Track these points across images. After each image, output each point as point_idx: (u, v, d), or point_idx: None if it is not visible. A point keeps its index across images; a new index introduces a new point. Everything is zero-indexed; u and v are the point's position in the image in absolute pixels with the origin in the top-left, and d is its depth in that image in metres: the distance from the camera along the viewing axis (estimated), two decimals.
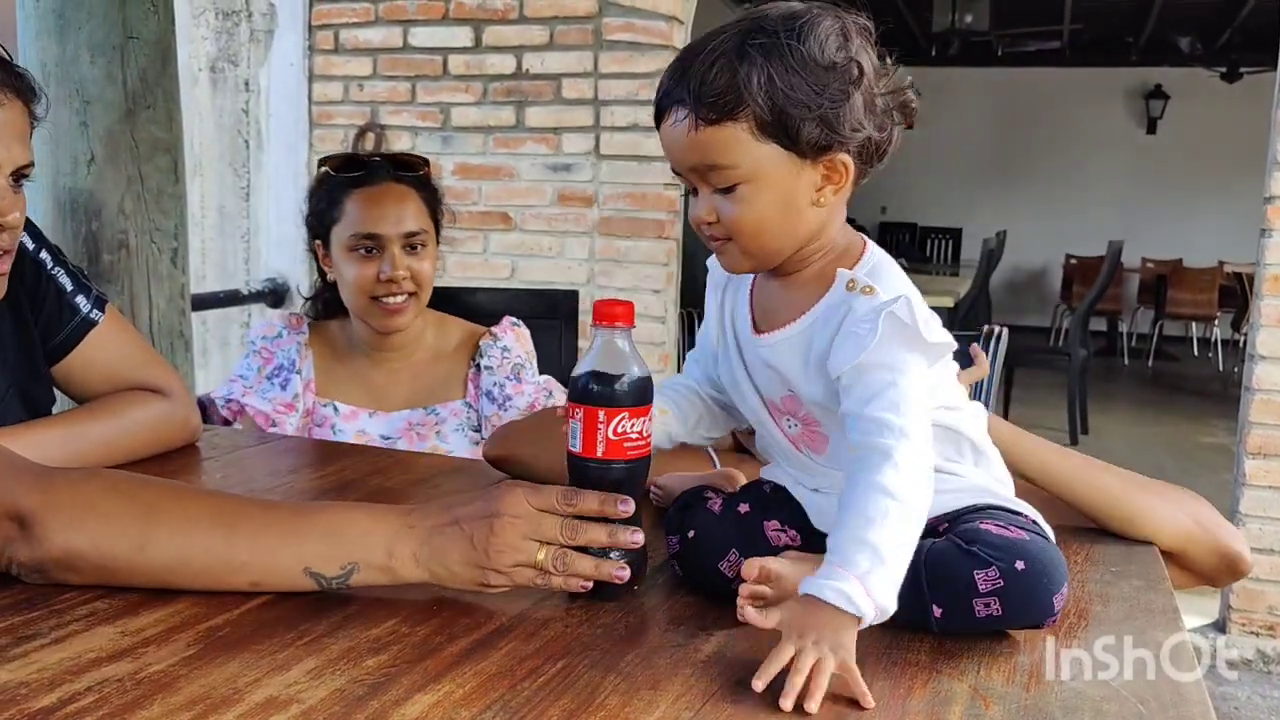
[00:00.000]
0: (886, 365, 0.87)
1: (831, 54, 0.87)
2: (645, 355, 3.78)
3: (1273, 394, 3.14)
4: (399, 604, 0.94)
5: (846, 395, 0.89)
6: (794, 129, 0.87)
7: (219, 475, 1.41)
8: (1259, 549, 3.19)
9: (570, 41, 3.72)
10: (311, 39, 4.03)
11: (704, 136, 0.88)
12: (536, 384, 1.82)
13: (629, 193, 3.70)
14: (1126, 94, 10.94)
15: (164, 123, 2.17)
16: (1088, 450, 1.32)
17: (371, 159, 1.78)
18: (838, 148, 0.89)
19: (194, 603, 0.93)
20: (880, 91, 0.90)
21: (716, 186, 0.90)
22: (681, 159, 0.91)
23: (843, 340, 0.89)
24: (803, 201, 0.90)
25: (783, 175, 0.89)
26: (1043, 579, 0.86)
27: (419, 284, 1.75)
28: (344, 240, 1.74)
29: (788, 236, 0.92)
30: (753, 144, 0.87)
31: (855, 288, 0.91)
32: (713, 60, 0.87)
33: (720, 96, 0.86)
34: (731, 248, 0.93)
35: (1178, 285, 9.52)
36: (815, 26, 0.87)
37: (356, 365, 1.83)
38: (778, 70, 0.86)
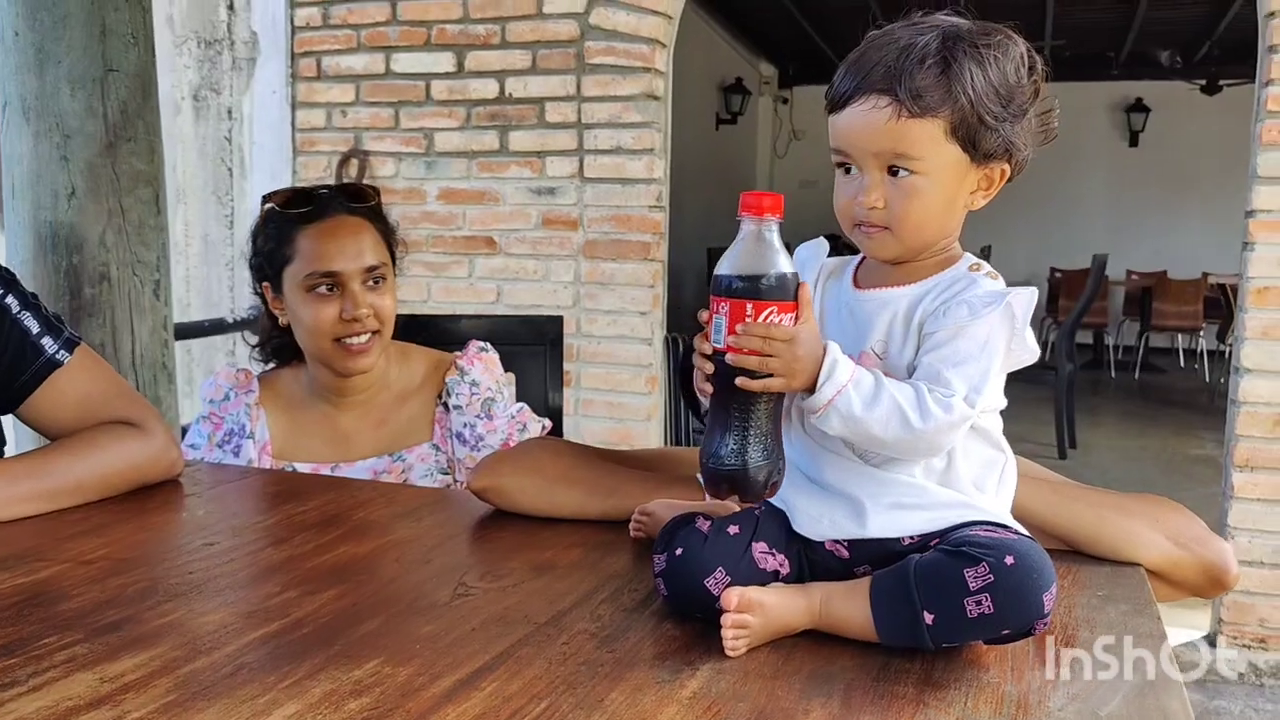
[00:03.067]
0: (982, 341, 0.91)
1: (1019, 73, 0.93)
2: (632, 379, 3.76)
3: (1258, 406, 3.15)
4: (382, 643, 0.93)
5: (931, 350, 0.92)
6: (979, 136, 0.92)
7: (201, 511, 1.39)
8: (1248, 561, 3.19)
9: (553, 65, 3.73)
10: (294, 66, 4.03)
11: (903, 127, 0.91)
12: (509, 417, 1.76)
13: (613, 215, 3.70)
14: (1109, 108, 11.03)
15: (145, 155, 2.16)
16: (1076, 464, 1.31)
17: (320, 191, 1.70)
18: (1003, 158, 0.95)
19: (175, 645, 0.92)
20: (1037, 113, 0.96)
21: (895, 174, 0.93)
22: (867, 144, 0.93)
23: (958, 304, 0.92)
24: (961, 202, 0.96)
25: (955, 175, 0.94)
26: (1032, 574, 0.86)
27: (382, 321, 1.67)
28: (299, 280, 1.65)
29: (941, 231, 0.96)
30: (942, 142, 0.92)
31: (980, 269, 0.96)
32: (924, 57, 0.90)
33: (930, 92, 0.90)
34: (887, 235, 0.95)
35: (1162, 297, 9.57)
36: (1009, 46, 0.93)
37: (316, 414, 1.74)
38: (980, 79, 0.91)
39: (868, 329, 0.97)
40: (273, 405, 1.75)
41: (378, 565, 1.17)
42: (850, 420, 0.89)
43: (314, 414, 1.75)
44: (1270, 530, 3.17)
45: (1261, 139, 3.10)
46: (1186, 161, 10.64)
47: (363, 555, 1.19)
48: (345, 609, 1.03)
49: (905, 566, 0.90)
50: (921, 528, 0.94)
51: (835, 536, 0.96)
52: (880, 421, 0.89)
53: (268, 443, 1.72)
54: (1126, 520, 1.14)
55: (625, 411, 3.72)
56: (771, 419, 0.92)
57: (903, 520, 0.94)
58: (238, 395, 1.74)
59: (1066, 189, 11.10)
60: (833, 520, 0.95)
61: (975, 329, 0.91)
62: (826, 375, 0.88)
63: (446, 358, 1.80)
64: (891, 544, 0.94)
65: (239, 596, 1.06)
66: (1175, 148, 10.74)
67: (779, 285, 0.89)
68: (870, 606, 0.90)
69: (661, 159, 3.69)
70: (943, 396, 0.89)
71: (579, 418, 3.73)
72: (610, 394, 3.73)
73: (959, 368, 0.90)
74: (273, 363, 1.82)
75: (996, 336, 0.91)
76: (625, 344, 3.71)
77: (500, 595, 1.07)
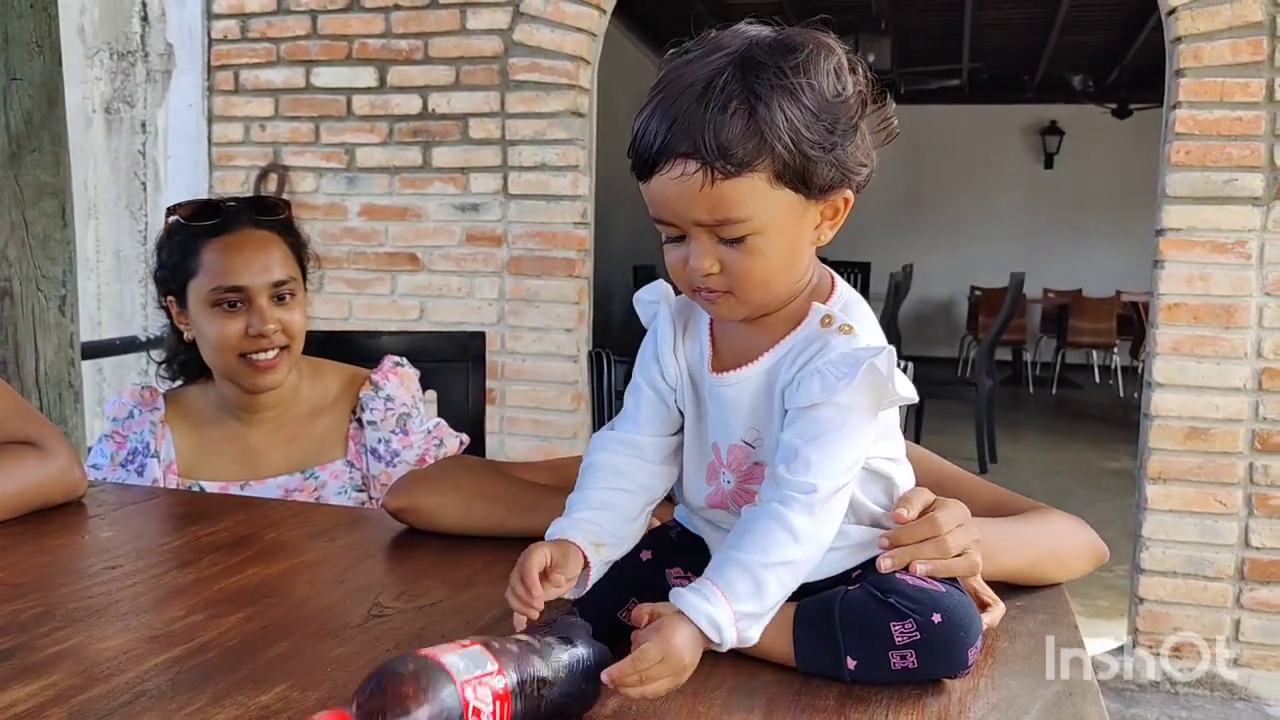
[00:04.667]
0: (845, 409, 0.84)
1: (838, 88, 0.82)
2: (558, 396, 3.73)
3: (1170, 420, 3.23)
4: (291, 666, 0.90)
5: (790, 425, 0.86)
6: (810, 174, 0.82)
7: (105, 534, 1.34)
8: (1161, 572, 3.26)
9: (476, 81, 3.70)
10: (211, 79, 3.95)
11: (720, 191, 0.81)
12: (425, 432, 1.73)
13: (538, 232, 3.68)
14: (1024, 130, 11.31)
15: (50, 166, 2.09)
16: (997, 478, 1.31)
17: (227, 204, 1.65)
18: (843, 185, 0.85)
19: (70, 673, 0.88)
20: (871, 121, 0.86)
21: (724, 238, 0.83)
22: (684, 214, 0.83)
23: (811, 376, 0.85)
24: (805, 241, 0.87)
25: (793, 220, 0.84)
26: (959, 632, 0.85)
27: (290, 336, 1.63)
28: (204, 295, 1.60)
29: (792, 281, 0.88)
30: (769, 192, 0.82)
31: (832, 324, 0.87)
32: (724, 104, 0.80)
33: (739, 146, 0.79)
34: (730, 299, 0.86)
35: (1078, 315, 9.81)
36: (818, 60, 0.82)
37: (225, 432, 1.69)
38: (794, 113, 0.80)
39: (733, 418, 0.91)
40: (179, 422, 1.70)
41: (289, 587, 1.13)
42: (763, 616, 0.83)
43: (222, 431, 1.70)
44: (1182, 540, 3.25)
45: (1170, 160, 3.18)
46: (1100, 183, 10.95)
47: (273, 577, 1.16)
48: (253, 632, 0.99)
49: (830, 603, 0.88)
50: (840, 567, 0.92)
51: None
52: (778, 590, 0.82)
53: (173, 461, 1.67)
54: (1029, 560, 1.10)
55: (551, 429, 3.69)
56: None
57: (822, 564, 0.89)
58: (142, 413, 1.68)
59: (985, 209, 11.36)
60: None
61: (834, 399, 0.84)
62: (715, 630, 0.80)
63: (361, 373, 1.77)
64: (810, 584, 0.92)
65: (141, 621, 1.02)
66: (1089, 169, 11.05)
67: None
68: (793, 639, 0.88)
69: (586, 176, 3.68)
70: (804, 499, 0.82)
71: (504, 435, 3.69)
72: (536, 411, 3.70)
73: (817, 442, 0.84)
74: (180, 380, 1.76)
75: (859, 402, 0.85)
76: (551, 361, 3.69)
77: (417, 615, 1.04)
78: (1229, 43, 3.12)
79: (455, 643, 0.76)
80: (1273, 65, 3.10)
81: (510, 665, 0.75)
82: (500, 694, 0.73)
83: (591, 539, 0.91)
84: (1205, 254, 3.17)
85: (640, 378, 0.98)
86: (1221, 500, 3.21)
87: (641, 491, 0.95)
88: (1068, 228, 11.19)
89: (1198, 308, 3.19)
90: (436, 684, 0.71)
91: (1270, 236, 3.13)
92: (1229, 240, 3.15)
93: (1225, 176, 3.14)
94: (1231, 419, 3.18)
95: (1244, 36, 3.11)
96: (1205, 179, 3.16)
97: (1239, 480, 3.19)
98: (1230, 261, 3.16)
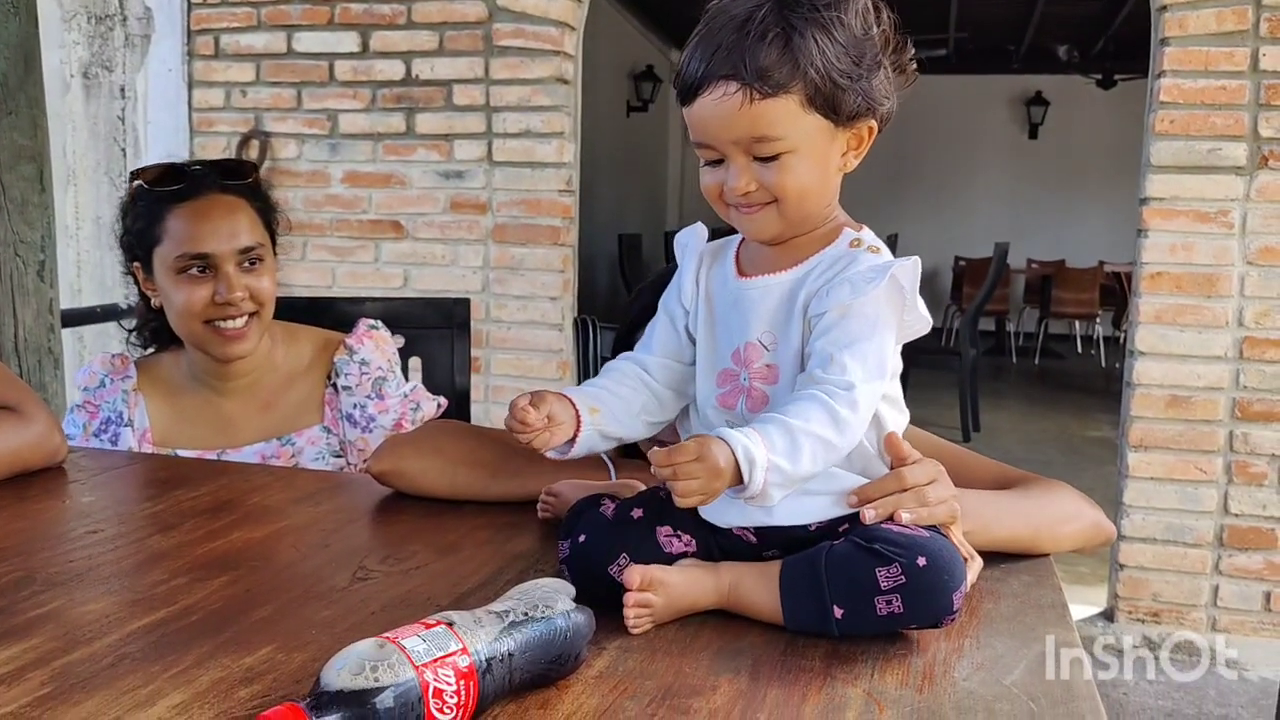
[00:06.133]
0: (872, 318, 0.89)
1: (865, 26, 0.90)
2: (543, 364, 3.72)
3: (1152, 388, 3.25)
4: (276, 629, 0.90)
5: (822, 334, 0.90)
6: (838, 101, 0.89)
7: (85, 498, 1.33)
8: (1142, 539, 3.29)
9: (460, 47, 3.66)
10: (191, 44, 3.90)
11: (756, 110, 0.88)
12: (402, 396, 1.70)
13: (523, 199, 3.66)
14: (1009, 101, 11.30)
15: (28, 129, 2.06)
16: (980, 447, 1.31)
17: (193, 168, 1.61)
18: (868, 115, 0.92)
19: (51, 636, 0.87)
20: (892, 60, 0.93)
21: (759, 156, 0.90)
22: (724, 133, 0.90)
23: (839, 284, 0.90)
24: (834, 166, 0.93)
25: (823, 143, 0.91)
26: (944, 575, 0.86)
27: (260, 303, 1.60)
28: (169, 262, 1.57)
29: (824, 200, 0.94)
30: (801, 115, 0.89)
31: (861, 245, 0.93)
32: (763, 33, 0.87)
33: (776, 69, 0.87)
34: (770, 212, 0.92)
35: (1061, 285, 9.84)
36: (850, 1, 0.90)
37: (199, 400, 1.66)
38: (826, 44, 0.88)
39: (752, 318, 0.95)
40: (152, 391, 1.67)
41: (273, 551, 1.13)
42: (788, 482, 0.86)
43: (196, 399, 1.67)
44: (1163, 508, 3.27)
45: (1154, 129, 3.18)
46: (1084, 153, 10.96)
47: (257, 541, 1.15)
48: (237, 596, 0.99)
49: (816, 556, 0.89)
50: (828, 512, 0.93)
51: (742, 524, 0.95)
52: (810, 461, 0.86)
53: (147, 430, 1.65)
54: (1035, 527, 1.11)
55: None
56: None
57: (809, 505, 0.93)
58: (114, 381, 1.66)
59: (970, 180, 11.36)
60: (739, 508, 0.93)
61: (862, 306, 0.89)
62: (748, 465, 0.83)
63: (335, 337, 1.74)
64: (799, 530, 0.93)
65: (123, 585, 1.01)
66: (1073, 140, 11.05)
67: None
68: (780, 594, 0.90)
69: (571, 143, 3.65)
70: (844, 393, 0.87)
71: (489, 404, 3.68)
72: (521, 380, 3.69)
73: (851, 349, 0.88)
74: (151, 347, 1.74)
75: (885, 311, 0.90)
76: (535, 329, 3.68)
77: (402, 578, 1.04)
78: (1214, 11, 3.11)
79: (421, 622, 0.76)
80: (1257, 34, 3.09)
81: (477, 642, 0.75)
82: (464, 672, 0.73)
83: (588, 402, 0.97)
84: (1188, 223, 3.18)
85: (661, 308, 1.04)
86: (1201, 468, 3.24)
87: (642, 398, 1.01)
88: (1052, 198, 11.21)
89: (1180, 276, 3.20)
90: (395, 669, 0.71)
91: (1253, 206, 3.13)
92: (1212, 210, 3.16)
93: (1209, 146, 3.15)
94: (1212, 387, 3.20)
95: (1229, 5, 3.10)
96: (1189, 148, 3.16)
97: (1219, 448, 3.22)
98: (1213, 231, 3.16)
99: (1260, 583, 3.24)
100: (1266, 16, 3.07)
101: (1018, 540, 1.09)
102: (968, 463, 1.19)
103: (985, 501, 1.08)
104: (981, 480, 1.15)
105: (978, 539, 1.00)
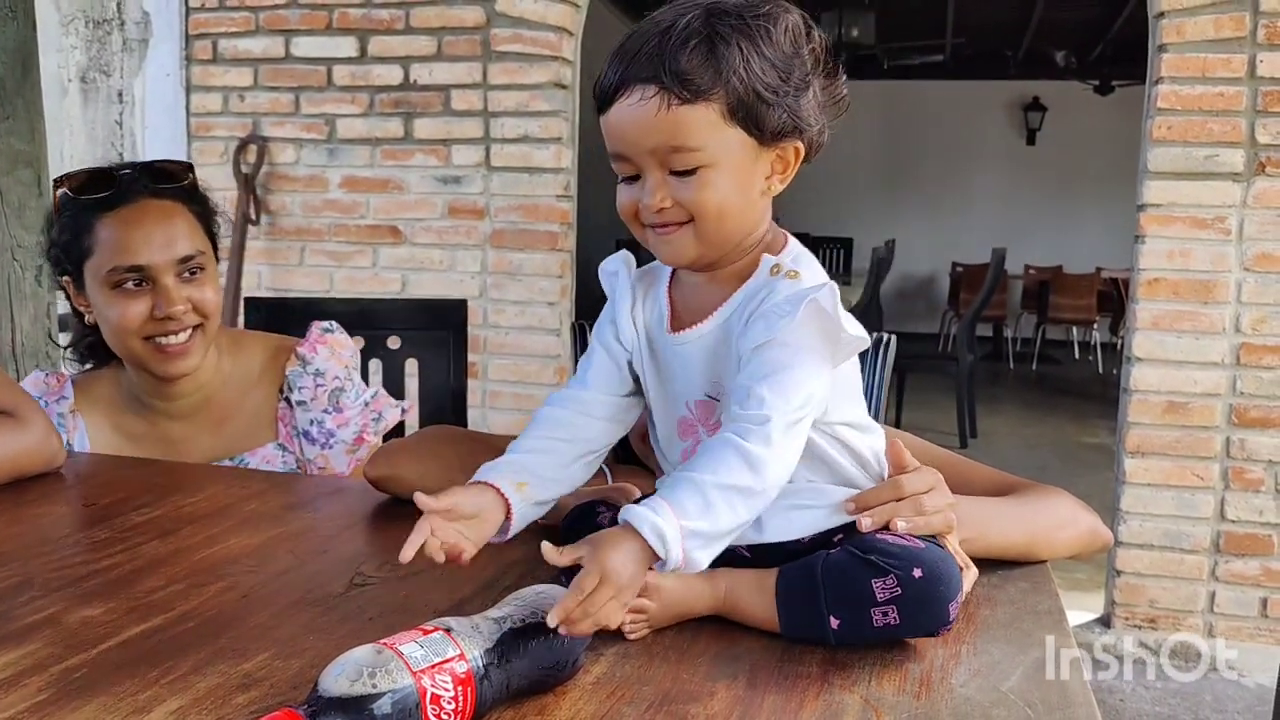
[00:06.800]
0: (793, 346, 0.86)
1: (795, 44, 0.88)
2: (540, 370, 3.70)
3: (1149, 394, 3.25)
4: (273, 635, 0.90)
5: (742, 369, 0.87)
6: (761, 115, 0.86)
7: (84, 504, 1.33)
8: (1139, 545, 3.29)
9: (458, 52, 3.67)
10: (189, 49, 3.90)
11: (674, 116, 0.84)
12: (362, 405, 1.59)
13: (521, 205, 3.66)
14: (1007, 106, 11.31)
15: (25, 134, 2.07)
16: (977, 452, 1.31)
17: (121, 172, 1.48)
18: (794, 136, 0.89)
19: (49, 642, 0.87)
20: (823, 84, 0.90)
21: (675, 169, 0.87)
22: (639, 140, 0.86)
23: (757, 320, 0.87)
24: (756, 188, 0.90)
25: (744, 160, 0.88)
26: (939, 586, 0.86)
27: (203, 315, 1.48)
28: (101, 275, 1.45)
29: (745, 224, 0.90)
30: (722, 126, 0.86)
31: (779, 272, 0.89)
32: (686, 39, 0.84)
33: (697, 75, 0.84)
34: (686, 234, 0.88)
35: (1059, 291, 9.84)
36: (778, 17, 0.87)
37: (141, 420, 1.56)
38: (751, 54, 0.85)
39: (694, 375, 0.93)
40: (91, 411, 1.57)
41: (270, 557, 1.13)
42: (712, 543, 0.82)
43: (138, 420, 1.57)
44: (1160, 514, 3.27)
45: (1151, 135, 3.19)
46: (1081, 159, 10.96)
47: (254, 547, 1.15)
48: (234, 602, 0.99)
49: (812, 566, 0.88)
50: (820, 525, 0.93)
51: (735, 541, 0.94)
52: (730, 515, 0.82)
53: (87, 451, 1.57)
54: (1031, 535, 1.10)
55: (534, 403, 3.65)
56: None
57: (799, 521, 0.93)
58: (49, 404, 1.54)
59: (967, 185, 11.37)
60: None
61: (782, 336, 0.85)
62: (660, 542, 0.79)
63: (286, 343, 1.62)
64: (792, 544, 0.93)
65: (121, 591, 1.01)
66: (1070, 146, 11.06)
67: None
68: (776, 602, 0.89)
69: (569, 148, 3.65)
70: (758, 429, 0.83)
71: (486, 409, 3.68)
72: (518, 386, 3.69)
73: (769, 380, 0.85)
74: (89, 363, 1.62)
75: (807, 338, 0.86)
76: (533, 335, 3.68)
77: (399, 584, 1.04)
78: (1211, 18, 3.12)
79: (419, 628, 0.76)
80: (1254, 41, 3.10)
81: (475, 648, 0.75)
82: (462, 679, 0.73)
83: (514, 478, 0.93)
84: (1185, 229, 3.19)
85: (595, 340, 1.00)
86: (1198, 474, 3.24)
87: (579, 442, 0.97)
88: (1049, 204, 11.22)
89: (1177, 283, 3.20)
90: (392, 676, 0.71)
91: (1250, 212, 3.14)
92: (1209, 216, 3.16)
93: (1206, 152, 3.15)
94: (1209, 393, 3.21)
95: (1226, 12, 3.11)
96: (1186, 154, 3.17)
97: (1216, 454, 3.22)
98: (1210, 237, 3.17)
99: (1257, 589, 3.24)
100: (1264, 23, 3.08)
101: (1013, 547, 1.09)
102: (964, 470, 1.19)
103: (981, 509, 1.08)
104: (978, 487, 1.16)
105: (973, 547, 1.00)
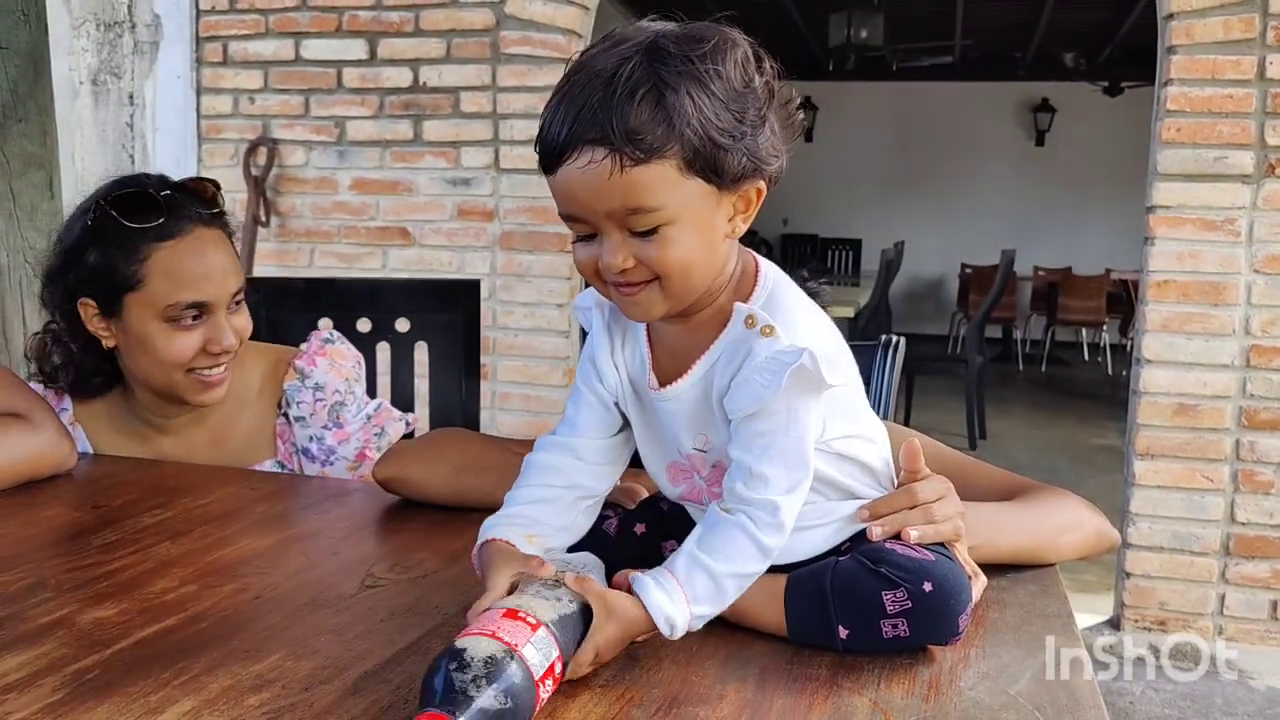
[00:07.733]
0: (783, 413, 0.84)
1: (746, 78, 0.81)
2: (549, 371, 3.70)
3: (1158, 396, 3.25)
4: (285, 636, 0.90)
5: (735, 437, 0.86)
6: (720, 161, 0.80)
7: (95, 506, 1.34)
8: (1148, 547, 3.29)
9: (468, 55, 3.67)
10: (199, 51, 3.91)
11: (628, 178, 0.78)
12: (364, 420, 1.55)
13: (530, 206, 3.66)
14: (1016, 108, 11.29)
15: (37, 137, 2.08)
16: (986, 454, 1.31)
17: (165, 196, 1.42)
18: (754, 177, 0.83)
19: (62, 643, 0.88)
20: (778, 113, 0.85)
21: (634, 230, 0.81)
22: (593, 204, 0.80)
23: (740, 385, 0.84)
24: (720, 233, 0.84)
25: (706, 210, 0.82)
26: (949, 600, 0.86)
27: (243, 341, 1.48)
28: (158, 309, 1.40)
29: (710, 273, 0.85)
30: (680, 181, 0.80)
31: (755, 325, 0.85)
32: (632, 91, 0.78)
33: (649, 131, 0.78)
34: (653, 291, 0.83)
35: (1068, 293, 9.83)
36: (725, 50, 0.81)
37: (139, 437, 1.54)
38: (703, 100, 0.79)
39: (680, 430, 0.91)
40: (92, 422, 1.55)
41: (282, 558, 1.13)
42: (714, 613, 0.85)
43: (136, 437, 1.54)
44: (1169, 516, 3.27)
45: (1161, 136, 3.18)
46: (1090, 161, 10.94)
47: (266, 548, 1.16)
48: (246, 603, 0.99)
49: (822, 575, 0.88)
50: (827, 544, 0.93)
51: None
52: (735, 593, 0.85)
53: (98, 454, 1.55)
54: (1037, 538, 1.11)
55: (543, 404, 3.69)
56: None
57: (807, 542, 0.92)
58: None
59: (976, 186, 11.35)
60: None
61: (771, 404, 0.83)
62: (668, 628, 0.83)
63: (285, 355, 1.58)
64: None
65: (133, 592, 1.02)
66: (1080, 147, 11.04)
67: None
68: (784, 609, 0.89)
69: None
70: (769, 518, 0.83)
71: (495, 410, 3.69)
72: (527, 387, 3.70)
73: (768, 455, 0.84)
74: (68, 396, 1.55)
75: (796, 400, 0.84)
76: (542, 336, 3.68)
77: (410, 586, 1.04)
78: (1221, 19, 3.12)
79: (522, 619, 0.77)
80: (1264, 43, 3.09)
81: (566, 647, 0.79)
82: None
83: (523, 532, 0.92)
84: (1195, 231, 3.18)
85: (580, 382, 0.97)
86: (1208, 476, 3.23)
87: (577, 489, 0.96)
88: (1058, 206, 11.19)
89: (1187, 285, 3.20)
90: (522, 695, 0.73)
91: (1260, 214, 3.13)
92: (1219, 218, 3.16)
93: (1216, 154, 3.15)
94: (1219, 395, 3.20)
95: (1236, 13, 3.11)
96: (1196, 156, 3.16)
97: (1225, 456, 3.21)
98: (1220, 239, 3.16)
99: (1267, 591, 3.23)
100: (1274, 25, 3.08)
101: (1020, 552, 1.09)
102: (973, 472, 1.19)
103: (988, 515, 1.08)
104: (987, 490, 1.16)
105: (981, 554, 1.00)
